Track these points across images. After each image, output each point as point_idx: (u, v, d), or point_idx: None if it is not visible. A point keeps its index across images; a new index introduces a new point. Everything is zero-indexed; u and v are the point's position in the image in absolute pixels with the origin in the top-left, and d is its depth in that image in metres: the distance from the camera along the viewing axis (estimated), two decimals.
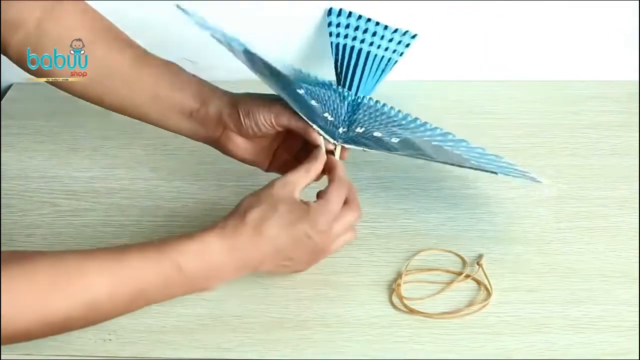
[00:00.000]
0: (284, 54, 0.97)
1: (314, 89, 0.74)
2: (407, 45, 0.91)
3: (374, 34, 0.91)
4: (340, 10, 0.92)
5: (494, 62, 0.98)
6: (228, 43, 0.65)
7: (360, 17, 0.92)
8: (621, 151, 0.87)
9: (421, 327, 0.68)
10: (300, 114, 0.69)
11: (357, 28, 0.90)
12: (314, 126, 0.69)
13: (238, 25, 0.92)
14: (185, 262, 0.60)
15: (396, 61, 0.89)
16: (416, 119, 0.77)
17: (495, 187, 0.82)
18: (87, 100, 0.74)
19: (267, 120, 0.70)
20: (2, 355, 0.66)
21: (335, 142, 0.71)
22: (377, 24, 0.92)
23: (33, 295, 0.55)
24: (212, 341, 0.68)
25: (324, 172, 0.70)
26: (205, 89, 0.73)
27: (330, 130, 0.71)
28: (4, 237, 0.78)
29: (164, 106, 0.73)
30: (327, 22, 0.91)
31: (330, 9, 0.92)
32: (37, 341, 0.67)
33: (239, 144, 0.73)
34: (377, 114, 0.77)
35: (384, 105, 0.79)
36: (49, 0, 0.70)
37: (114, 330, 0.68)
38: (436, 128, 0.77)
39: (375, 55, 0.88)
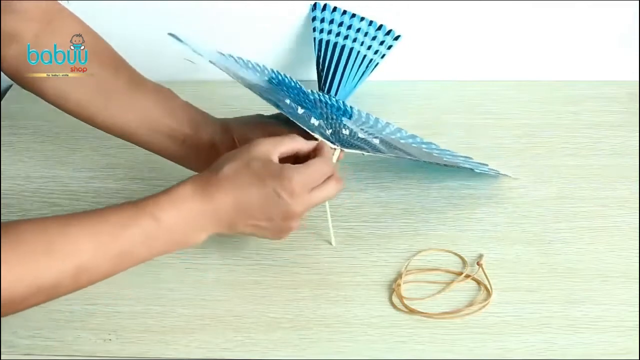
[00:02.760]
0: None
1: (296, 97, 0.73)
2: (389, 47, 0.91)
3: (358, 30, 0.90)
4: (325, 5, 0.91)
5: (494, 62, 0.98)
6: (224, 65, 0.66)
7: (344, 12, 0.91)
8: (621, 151, 0.87)
9: (421, 327, 0.68)
10: (298, 123, 0.69)
11: (341, 24, 0.90)
12: (315, 134, 0.69)
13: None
14: (162, 214, 0.60)
15: (377, 63, 0.89)
16: (377, 119, 0.77)
17: (495, 187, 0.82)
18: (80, 119, 0.75)
19: None
20: (2, 355, 0.66)
21: (334, 146, 0.70)
22: (362, 19, 0.91)
23: (22, 263, 0.55)
24: (212, 341, 0.68)
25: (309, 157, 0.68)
26: (197, 115, 0.74)
27: (323, 135, 0.71)
28: None
29: (155, 130, 0.73)
30: (312, 17, 0.91)
31: (315, 4, 0.92)
32: (37, 341, 0.67)
33: None
34: (339, 112, 0.76)
35: (338, 102, 0.78)
36: (45, 16, 0.70)
37: (114, 330, 0.68)
38: (400, 129, 0.76)
39: (358, 52, 0.88)
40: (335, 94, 0.82)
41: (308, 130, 0.69)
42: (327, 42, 0.88)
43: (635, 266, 0.73)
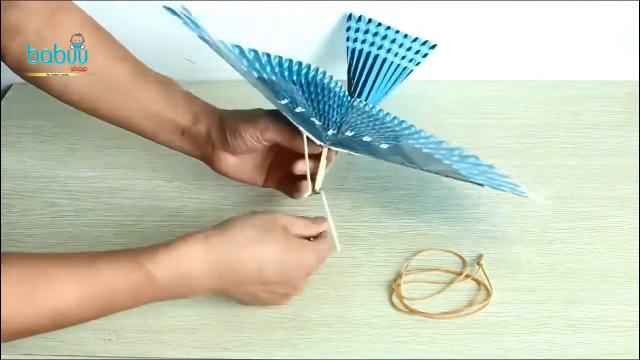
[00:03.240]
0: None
1: (298, 98, 0.73)
2: (425, 56, 0.91)
3: (393, 40, 0.90)
4: (361, 16, 0.91)
5: (494, 62, 0.98)
6: (215, 44, 0.65)
7: (380, 24, 0.91)
8: (621, 151, 0.87)
9: (421, 327, 0.68)
10: (287, 116, 0.68)
11: (376, 34, 0.90)
12: (300, 128, 0.68)
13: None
14: (159, 273, 0.59)
15: (411, 70, 0.89)
16: (411, 126, 0.77)
17: None
18: (84, 111, 0.74)
19: (253, 137, 0.70)
20: (2, 355, 0.66)
21: (322, 143, 0.70)
22: (397, 31, 0.91)
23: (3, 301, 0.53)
24: (212, 341, 0.68)
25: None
26: (196, 106, 0.73)
27: (318, 132, 0.71)
28: (4, 237, 0.78)
29: (158, 122, 0.73)
30: (346, 27, 0.91)
31: (350, 15, 0.92)
32: (37, 341, 0.67)
33: (230, 162, 0.73)
34: (371, 119, 0.77)
35: (379, 111, 0.79)
36: (49, 8, 0.70)
37: (114, 330, 0.68)
38: (431, 136, 0.76)
39: (392, 62, 0.88)
40: (366, 100, 0.82)
41: (297, 125, 0.68)
42: (360, 51, 0.88)
43: (635, 266, 0.73)
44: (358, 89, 0.83)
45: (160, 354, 0.67)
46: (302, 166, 0.70)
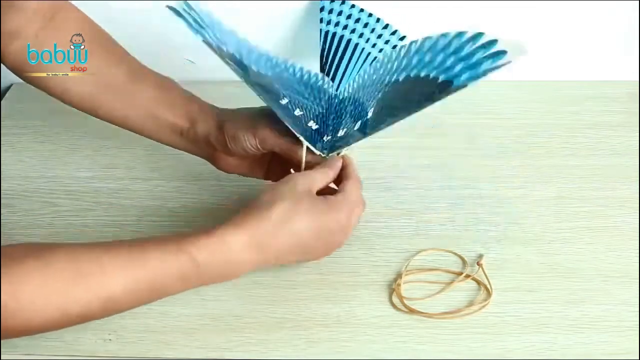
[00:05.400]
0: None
1: (297, 97, 0.73)
2: (394, 47, 0.90)
3: (365, 25, 0.89)
4: None
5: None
6: (218, 46, 0.64)
7: (353, 5, 0.91)
8: (621, 151, 0.87)
9: (421, 327, 0.68)
10: (286, 123, 0.68)
11: (349, 16, 0.89)
12: (297, 134, 0.68)
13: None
14: (203, 258, 0.60)
15: None
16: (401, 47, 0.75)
17: (495, 187, 0.82)
18: (84, 112, 0.75)
19: (252, 145, 0.71)
20: (2, 355, 0.66)
21: (320, 154, 0.70)
22: (370, 15, 0.91)
23: (52, 288, 0.55)
24: (212, 341, 0.68)
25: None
26: (194, 108, 0.73)
27: (314, 140, 0.71)
28: (4, 237, 0.78)
29: (156, 123, 0.73)
30: (320, 7, 0.90)
31: None
32: (37, 341, 0.67)
33: (230, 162, 0.74)
34: (357, 104, 0.76)
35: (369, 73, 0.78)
36: (49, 10, 0.70)
37: (114, 330, 0.68)
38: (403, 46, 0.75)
39: (363, 49, 0.87)
40: (337, 89, 0.82)
41: (295, 132, 0.68)
42: (334, 34, 0.87)
43: (635, 266, 0.73)
44: (331, 74, 0.83)
45: (160, 354, 0.67)
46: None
